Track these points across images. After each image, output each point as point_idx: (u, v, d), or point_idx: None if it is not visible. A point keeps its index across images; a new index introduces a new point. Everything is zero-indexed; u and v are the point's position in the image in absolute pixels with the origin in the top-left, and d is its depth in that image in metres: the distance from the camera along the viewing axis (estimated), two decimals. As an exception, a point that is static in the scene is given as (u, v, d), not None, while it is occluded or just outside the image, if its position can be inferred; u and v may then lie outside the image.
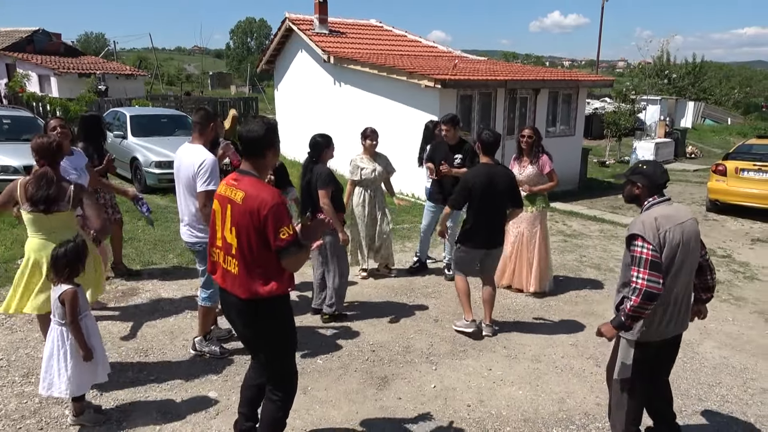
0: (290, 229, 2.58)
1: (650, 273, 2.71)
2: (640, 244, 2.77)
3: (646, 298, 2.71)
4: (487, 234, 4.68)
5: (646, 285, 2.71)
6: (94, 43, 76.23)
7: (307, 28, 13.39)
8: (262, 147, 2.72)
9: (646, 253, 2.74)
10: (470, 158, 5.88)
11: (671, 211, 2.88)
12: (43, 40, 29.58)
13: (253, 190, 2.62)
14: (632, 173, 3.03)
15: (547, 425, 3.62)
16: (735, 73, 47.58)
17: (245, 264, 2.68)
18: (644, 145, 16.82)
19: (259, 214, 2.56)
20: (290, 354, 2.95)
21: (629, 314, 2.77)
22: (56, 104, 19.24)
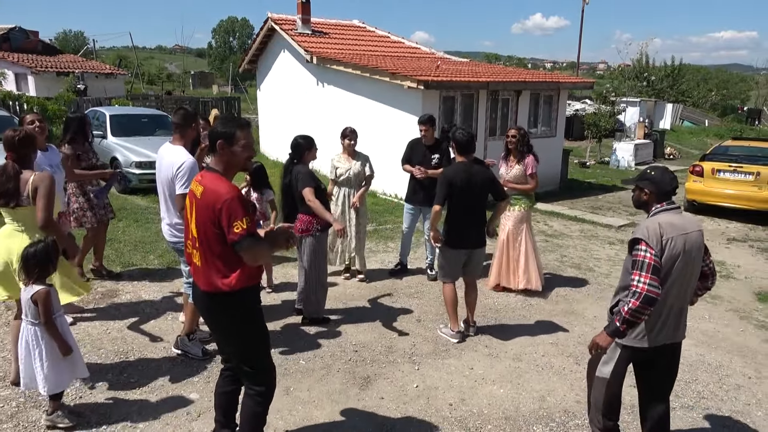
0: (244, 223, 2.60)
1: (651, 277, 2.70)
2: (643, 248, 2.75)
3: (646, 302, 2.69)
4: (468, 233, 4.64)
5: (647, 289, 2.69)
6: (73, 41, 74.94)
7: (289, 28, 13.34)
8: (211, 142, 2.78)
9: (648, 257, 2.72)
10: (447, 158, 5.96)
11: (677, 220, 2.84)
12: (20, 38, 29.07)
13: (212, 185, 2.69)
14: (640, 179, 2.98)
15: (528, 423, 3.66)
16: (712, 75, 48.33)
17: (206, 257, 2.75)
18: (624, 147, 17.06)
19: (215, 208, 2.62)
20: (258, 350, 2.94)
21: (626, 318, 2.74)
22: (34, 103, 18.93)
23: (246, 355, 2.91)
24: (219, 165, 2.78)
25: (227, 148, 2.74)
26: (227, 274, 2.72)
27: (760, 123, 33.00)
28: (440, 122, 10.21)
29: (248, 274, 2.75)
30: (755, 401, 4.03)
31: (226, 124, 2.77)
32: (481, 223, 4.70)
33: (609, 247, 7.95)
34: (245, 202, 2.70)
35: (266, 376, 2.95)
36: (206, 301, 2.84)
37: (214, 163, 2.80)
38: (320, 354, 4.48)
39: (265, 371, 2.95)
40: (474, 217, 4.64)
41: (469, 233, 4.66)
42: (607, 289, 6.15)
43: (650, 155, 18.19)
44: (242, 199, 2.67)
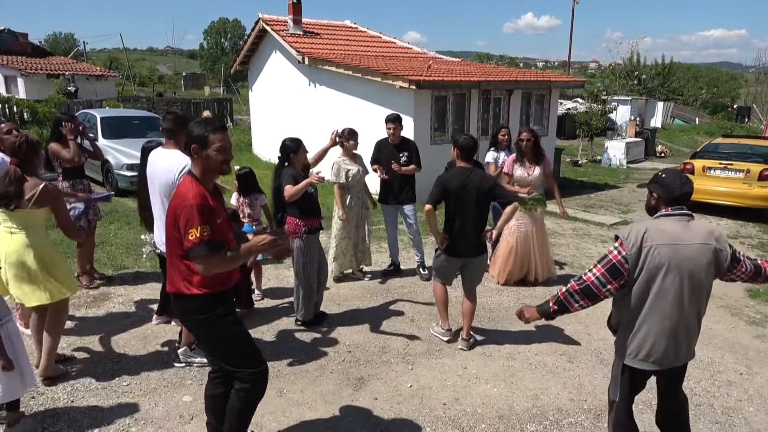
0: (198, 231, 2.54)
1: (603, 273, 2.61)
2: (615, 245, 2.64)
3: (584, 291, 2.65)
4: (463, 241, 4.44)
5: (591, 280, 2.63)
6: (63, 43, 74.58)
7: (281, 28, 13.31)
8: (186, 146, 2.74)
9: (614, 255, 2.61)
10: (416, 155, 6.06)
11: (676, 229, 2.58)
12: (9, 40, 28.83)
13: (182, 188, 2.68)
14: (651, 182, 2.77)
15: (522, 421, 3.67)
16: (702, 74, 48.71)
17: (170, 258, 2.77)
18: (615, 145, 17.14)
19: (176, 211, 2.61)
20: (234, 350, 2.88)
21: (559, 297, 2.73)
22: (23, 106, 18.77)
23: (222, 355, 2.91)
24: (196, 169, 2.74)
25: (201, 151, 2.68)
26: (189, 278, 2.70)
27: (750, 120, 33.24)
28: (432, 122, 10.26)
29: (212, 280, 2.70)
30: (747, 397, 4.06)
31: (199, 128, 2.70)
32: (478, 230, 4.48)
33: (601, 245, 7.98)
34: (207, 210, 2.61)
35: (249, 374, 2.91)
36: (174, 301, 2.85)
37: (193, 167, 2.76)
38: (314, 355, 4.47)
39: (246, 368, 2.90)
40: (469, 224, 4.42)
41: (465, 240, 4.44)
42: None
43: (641, 153, 18.29)
44: (203, 207, 2.59)
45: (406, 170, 5.96)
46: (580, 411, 3.80)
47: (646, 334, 2.65)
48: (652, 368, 2.70)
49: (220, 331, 2.83)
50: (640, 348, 2.67)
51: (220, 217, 2.72)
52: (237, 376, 2.91)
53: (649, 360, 2.68)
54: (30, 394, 3.74)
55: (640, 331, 2.66)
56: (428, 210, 4.43)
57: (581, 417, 3.73)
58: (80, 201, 5.00)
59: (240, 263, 2.81)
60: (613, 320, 2.86)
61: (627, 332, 2.72)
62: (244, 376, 2.90)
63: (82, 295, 5.46)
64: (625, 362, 2.73)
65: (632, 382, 2.79)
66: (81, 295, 5.45)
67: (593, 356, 4.59)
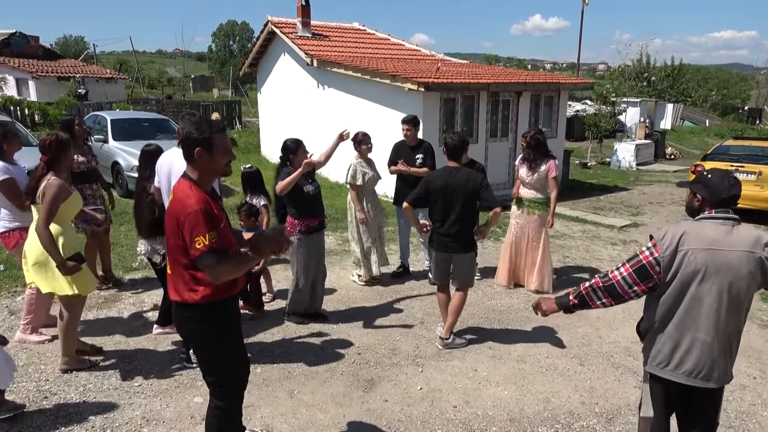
0: (206, 239, 2.44)
1: (631, 274, 2.47)
2: (648, 245, 2.48)
3: (609, 290, 2.51)
4: (446, 237, 4.47)
5: (618, 280, 2.49)
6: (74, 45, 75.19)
7: (289, 31, 13.35)
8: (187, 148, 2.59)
9: (645, 256, 2.46)
10: (431, 157, 6.04)
11: (717, 233, 2.39)
12: (21, 43, 29.13)
13: (181, 194, 2.55)
14: (695, 182, 2.58)
15: (533, 424, 3.65)
16: (712, 75, 48.36)
17: (173, 266, 2.65)
18: (625, 147, 17.05)
19: (179, 219, 2.50)
20: (221, 366, 2.79)
21: (581, 292, 2.60)
22: (34, 108, 18.95)
23: (209, 368, 2.80)
24: (195, 173, 2.60)
25: (207, 155, 2.55)
26: (194, 287, 2.60)
27: (761, 122, 32.98)
28: (441, 124, 10.25)
29: (218, 287, 2.60)
30: (761, 401, 4.02)
31: (202, 130, 2.55)
32: (461, 228, 4.45)
33: (611, 248, 7.94)
34: (212, 216, 2.52)
35: (226, 394, 2.84)
36: (175, 309, 2.73)
37: (189, 171, 2.61)
38: (324, 357, 4.47)
39: (225, 388, 2.83)
40: (456, 222, 4.42)
41: (448, 237, 4.46)
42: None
43: (651, 155, 18.19)
44: (208, 213, 2.49)
45: (415, 171, 5.93)
46: (592, 414, 3.77)
47: (676, 343, 2.47)
48: (682, 381, 2.49)
49: (216, 347, 2.74)
50: (669, 356, 2.50)
51: (222, 221, 2.63)
52: (212, 391, 2.84)
53: (679, 371, 2.48)
54: (43, 394, 3.78)
55: (670, 338, 2.49)
56: (405, 207, 4.59)
57: (593, 420, 3.71)
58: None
59: (249, 268, 2.71)
60: (644, 325, 2.66)
61: (655, 338, 2.55)
62: (218, 395, 2.83)
63: (93, 296, 5.50)
64: (652, 370, 2.57)
65: (666, 395, 2.58)
66: (92, 296, 5.48)
67: (604, 359, 4.56)
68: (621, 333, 5.05)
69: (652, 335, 2.58)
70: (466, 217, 4.46)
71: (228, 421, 2.91)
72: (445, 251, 4.53)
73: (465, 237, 4.50)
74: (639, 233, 8.89)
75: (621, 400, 3.95)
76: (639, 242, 8.28)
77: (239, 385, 2.92)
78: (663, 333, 2.51)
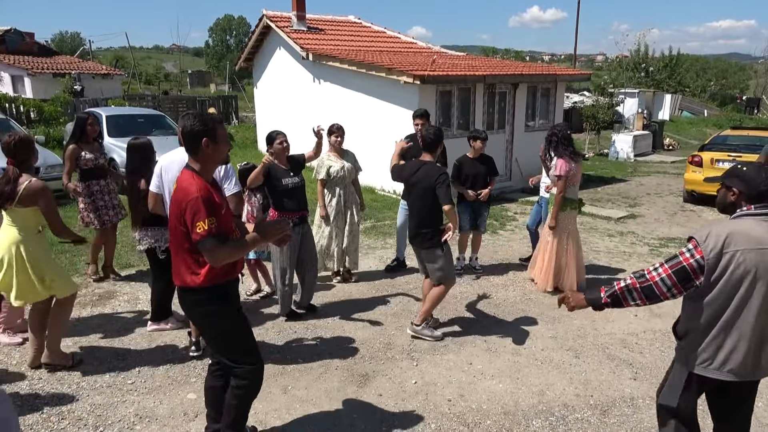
0: (206, 224, 2.60)
1: (670, 275, 2.36)
2: (690, 247, 2.37)
3: (646, 292, 2.42)
4: (411, 231, 4.62)
5: (656, 282, 2.39)
6: (69, 42, 74.85)
7: (285, 25, 13.28)
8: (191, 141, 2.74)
9: (686, 258, 2.35)
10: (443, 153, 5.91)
11: (762, 231, 2.32)
12: (16, 40, 29.02)
13: (184, 182, 2.71)
14: (728, 176, 2.50)
15: (527, 417, 3.64)
16: (711, 65, 48.31)
17: (176, 252, 2.80)
18: (623, 138, 17.02)
19: (181, 206, 2.65)
20: (235, 344, 2.94)
21: (616, 292, 2.50)
22: (30, 105, 18.86)
23: (222, 349, 2.95)
24: (197, 164, 2.77)
25: (212, 145, 2.74)
26: (196, 270, 2.75)
27: (759, 112, 32.92)
28: (437, 117, 10.21)
29: (219, 271, 2.75)
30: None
31: (204, 122, 2.74)
32: (420, 223, 4.49)
33: (608, 239, 7.92)
34: (212, 203, 2.67)
35: (247, 371, 2.95)
36: (180, 294, 2.89)
37: (191, 162, 2.78)
38: (318, 352, 4.46)
39: (246, 365, 2.94)
40: (414, 215, 4.57)
41: (411, 231, 4.62)
42: (606, 281, 6.11)
43: (649, 146, 18.16)
44: (208, 200, 2.65)
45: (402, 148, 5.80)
46: (587, 407, 3.76)
47: (722, 343, 2.41)
48: (727, 378, 2.44)
49: (224, 325, 2.89)
50: (714, 356, 2.43)
51: (223, 209, 2.77)
52: (235, 372, 2.95)
53: (725, 369, 2.43)
54: (35, 392, 3.76)
55: (717, 339, 2.41)
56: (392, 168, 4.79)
57: (587, 413, 3.70)
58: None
59: (247, 252, 2.85)
60: (682, 327, 2.57)
61: (699, 339, 2.46)
62: (242, 373, 2.94)
63: (87, 293, 5.49)
64: (695, 371, 2.49)
65: (700, 391, 2.58)
66: (87, 293, 5.47)
67: (600, 351, 4.55)
68: (617, 325, 5.04)
69: (695, 337, 2.49)
70: (424, 213, 4.47)
71: (245, 401, 3.03)
72: (411, 242, 4.69)
73: (425, 232, 4.47)
74: (636, 224, 8.87)
75: (616, 392, 3.94)
76: (636, 233, 8.27)
77: (257, 360, 3.01)
78: (709, 334, 2.44)
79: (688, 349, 2.52)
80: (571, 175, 5.51)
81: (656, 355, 4.51)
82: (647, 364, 4.34)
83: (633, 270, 2.78)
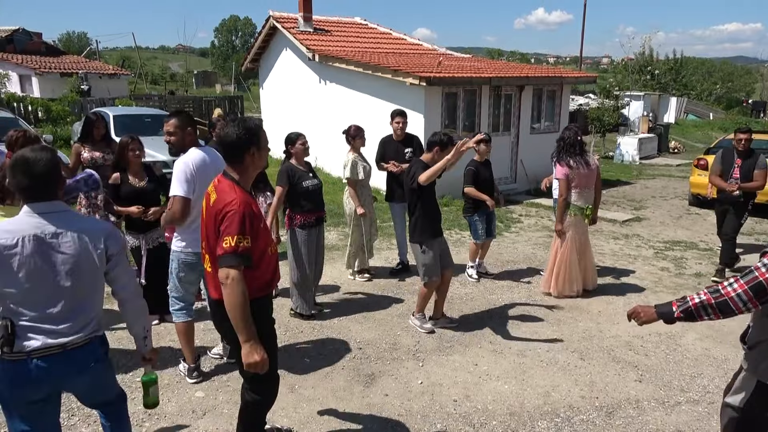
0: (233, 240, 2.46)
1: (747, 291, 2.30)
2: (765, 261, 2.32)
3: (720, 307, 2.36)
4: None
5: (732, 297, 2.33)
6: (77, 42, 75.13)
7: (291, 26, 13.33)
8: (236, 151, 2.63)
9: (762, 273, 2.30)
10: (420, 151, 5.99)
11: None
12: (24, 40, 29.20)
13: (224, 194, 2.58)
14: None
15: (533, 418, 3.66)
16: (717, 68, 48.12)
17: (213, 265, 2.66)
18: (628, 141, 16.99)
19: (217, 218, 2.54)
20: None
21: (690, 308, 2.43)
22: (37, 105, 18.97)
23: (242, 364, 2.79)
24: (237, 173, 2.65)
25: (258, 153, 2.65)
26: None
27: (766, 115, 32.79)
28: (443, 119, 10.24)
29: (251, 287, 2.58)
30: None
31: (250, 130, 2.61)
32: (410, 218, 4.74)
33: (613, 242, 7.93)
34: (250, 219, 2.54)
35: (263, 387, 2.88)
36: (213, 307, 2.80)
37: (230, 170, 2.67)
38: (324, 352, 4.49)
39: (263, 382, 2.84)
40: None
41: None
42: (612, 284, 6.14)
43: (654, 149, 18.12)
44: (246, 216, 2.52)
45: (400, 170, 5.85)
46: (592, 408, 3.78)
47: None
48: None
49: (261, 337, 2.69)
50: None
51: (262, 220, 2.68)
52: (250, 386, 2.88)
53: None
54: (45, 389, 3.80)
55: None
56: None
57: (593, 414, 3.71)
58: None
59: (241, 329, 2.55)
60: (752, 338, 2.56)
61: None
62: (256, 388, 2.87)
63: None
64: (762, 378, 2.48)
65: (761, 399, 2.55)
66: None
67: (605, 354, 4.56)
68: (622, 327, 5.05)
69: (766, 347, 2.48)
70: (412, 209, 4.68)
71: (259, 414, 2.97)
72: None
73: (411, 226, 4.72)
74: (641, 227, 8.87)
75: (621, 394, 3.95)
76: (641, 236, 8.27)
77: (273, 380, 2.93)
78: None
79: (759, 359, 2.50)
80: (574, 180, 5.52)
81: (661, 357, 4.52)
82: (652, 367, 4.36)
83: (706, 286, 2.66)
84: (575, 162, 5.50)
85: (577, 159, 5.52)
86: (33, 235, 2.21)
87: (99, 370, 2.51)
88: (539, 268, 6.58)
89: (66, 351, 2.31)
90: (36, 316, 2.26)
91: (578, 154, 5.55)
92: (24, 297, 2.23)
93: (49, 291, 2.27)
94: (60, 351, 2.30)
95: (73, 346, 2.33)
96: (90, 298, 2.43)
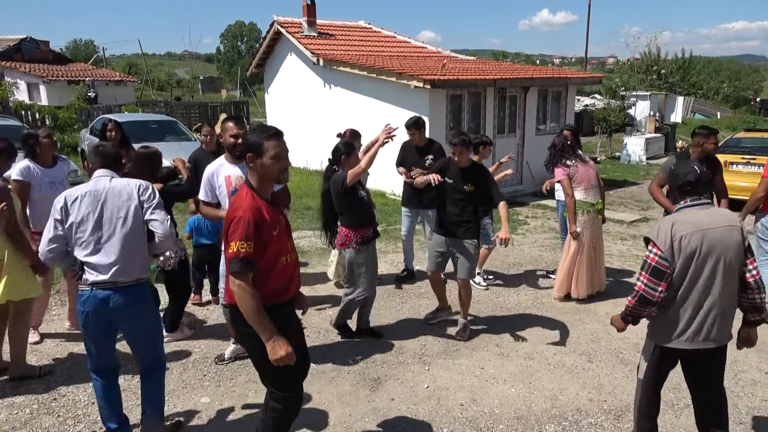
0: (236, 246, 2.47)
1: (649, 278, 2.72)
2: (649, 248, 2.77)
3: (640, 301, 2.76)
4: None
5: (643, 289, 2.74)
6: (83, 49, 75.77)
7: (295, 30, 13.37)
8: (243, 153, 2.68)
9: (651, 258, 2.73)
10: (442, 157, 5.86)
11: (700, 216, 2.73)
12: (31, 48, 29.44)
13: (237, 200, 2.62)
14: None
15: (540, 422, 3.63)
16: (724, 67, 47.89)
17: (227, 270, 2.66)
18: (635, 141, 16.89)
19: (228, 224, 2.59)
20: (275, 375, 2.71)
21: (626, 313, 2.89)
22: (45, 112, 19.10)
23: (259, 369, 2.81)
24: (253, 178, 2.66)
25: (257, 160, 2.60)
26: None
27: (774, 114, 32.55)
28: (447, 121, 10.22)
29: (264, 294, 2.57)
30: (772, 397, 3.96)
31: (254, 135, 2.63)
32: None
33: (621, 243, 7.87)
34: (256, 225, 2.52)
35: (282, 398, 2.81)
36: (231, 313, 2.73)
37: (249, 176, 2.68)
38: (330, 356, 4.47)
39: (282, 392, 2.80)
40: None
41: None
42: (619, 285, 6.09)
43: (662, 149, 18.00)
44: (251, 222, 2.50)
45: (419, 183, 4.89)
46: (600, 411, 3.74)
47: (678, 315, 2.76)
48: (684, 347, 2.79)
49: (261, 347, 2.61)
50: (671, 327, 2.79)
51: (276, 228, 2.62)
52: (271, 395, 2.85)
53: (682, 338, 2.78)
54: (52, 395, 3.81)
55: (672, 311, 2.77)
56: None
57: (601, 418, 3.68)
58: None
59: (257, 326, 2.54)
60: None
61: (662, 314, 2.81)
62: (278, 398, 2.82)
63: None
64: (657, 342, 2.87)
65: (660, 361, 2.91)
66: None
67: (613, 356, 4.52)
68: (630, 329, 4.96)
69: (660, 314, 2.83)
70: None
71: (282, 425, 2.90)
72: None
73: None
74: (649, 228, 8.79)
75: (629, 397, 3.90)
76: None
77: (293, 388, 2.86)
78: (668, 308, 2.78)
79: (653, 324, 2.92)
80: (576, 176, 5.54)
81: (670, 359, 4.47)
82: (661, 369, 4.31)
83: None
84: (571, 161, 5.58)
85: (572, 158, 5.60)
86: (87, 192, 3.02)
87: (143, 309, 3.12)
88: (547, 270, 6.54)
89: (117, 287, 2.98)
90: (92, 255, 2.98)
91: (571, 155, 5.62)
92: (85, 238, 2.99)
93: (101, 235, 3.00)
94: (112, 286, 2.97)
95: (123, 284, 2.99)
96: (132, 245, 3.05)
